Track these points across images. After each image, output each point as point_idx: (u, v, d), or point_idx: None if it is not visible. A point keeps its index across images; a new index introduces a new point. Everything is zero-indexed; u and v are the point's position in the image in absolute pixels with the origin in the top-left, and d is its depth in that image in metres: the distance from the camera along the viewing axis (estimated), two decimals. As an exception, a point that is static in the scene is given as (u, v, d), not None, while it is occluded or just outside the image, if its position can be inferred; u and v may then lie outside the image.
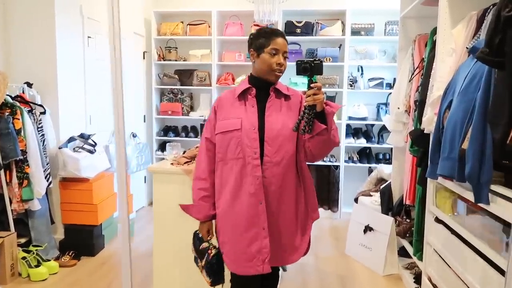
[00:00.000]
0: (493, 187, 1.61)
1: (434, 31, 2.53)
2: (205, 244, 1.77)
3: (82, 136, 3.27)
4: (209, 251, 1.75)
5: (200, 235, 1.79)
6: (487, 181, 1.61)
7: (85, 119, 3.55)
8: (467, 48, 1.94)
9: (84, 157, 3.09)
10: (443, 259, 2.13)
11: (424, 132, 2.32)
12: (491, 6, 1.87)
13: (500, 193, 1.58)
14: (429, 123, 2.22)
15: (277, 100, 1.71)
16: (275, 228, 1.68)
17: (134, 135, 4.18)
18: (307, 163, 1.77)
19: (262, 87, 1.72)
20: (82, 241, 3.18)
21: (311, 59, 1.61)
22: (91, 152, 3.18)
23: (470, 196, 1.74)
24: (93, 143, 3.29)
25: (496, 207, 1.61)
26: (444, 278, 2.10)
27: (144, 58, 4.56)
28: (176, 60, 4.60)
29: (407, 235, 2.98)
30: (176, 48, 4.61)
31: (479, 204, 1.67)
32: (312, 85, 1.56)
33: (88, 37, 3.56)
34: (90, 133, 3.41)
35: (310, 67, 1.59)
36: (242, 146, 1.64)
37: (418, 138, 2.42)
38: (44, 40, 3.15)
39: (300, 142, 1.70)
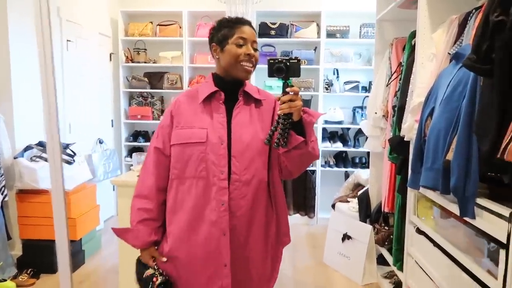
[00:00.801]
0: (479, 201, 1.53)
1: (412, 35, 2.46)
2: (149, 271, 1.47)
3: (40, 144, 3.03)
4: (154, 279, 1.44)
5: (143, 261, 1.51)
6: (472, 194, 1.53)
7: (64, 127, 3.34)
8: (449, 53, 1.86)
9: (42, 167, 2.85)
10: (424, 271, 2.05)
11: (404, 139, 2.24)
12: (474, 10, 1.80)
13: (485, 207, 1.51)
14: (409, 130, 2.14)
15: (245, 106, 1.45)
16: (242, 262, 1.43)
17: (100, 141, 3.96)
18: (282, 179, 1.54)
19: (229, 90, 1.44)
20: (42, 258, 2.94)
21: (287, 58, 1.33)
22: (69, 162, 2.99)
23: (454, 209, 1.66)
24: (72, 153, 3.08)
25: (481, 221, 1.53)
26: (427, 292, 2.03)
27: (110, 60, 4.33)
28: (145, 62, 4.40)
29: (386, 243, 2.90)
30: (145, 49, 4.41)
31: (465, 218, 1.59)
32: (287, 89, 1.29)
33: (68, 40, 3.33)
34: (69, 142, 3.20)
35: (286, 68, 1.32)
36: (206, 163, 1.37)
37: (397, 146, 2.34)
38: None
39: (274, 156, 1.44)
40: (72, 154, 3.12)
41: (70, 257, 1.44)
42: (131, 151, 4.51)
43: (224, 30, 1.42)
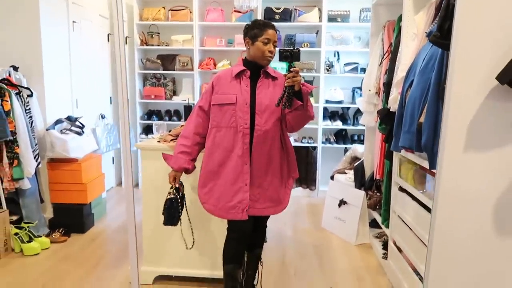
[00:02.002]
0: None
1: (400, 18, 2.73)
2: (169, 189, 2.12)
3: (69, 118, 3.38)
4: (168, 195, 2.10)
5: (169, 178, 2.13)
6: (439, 150, 1.83)
7: (72, 102, 3.65)
8: (426, 32, 2.15)
9: (72, 139, 3.20)
10: (406, 224, 2.38)
11: (390, 110, 2.54)
12: (446, -6, 2.08)
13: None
14: (394, 102, 2.44)
15: (266, 80, 2.07)
16: (261, 185, 2.06)
17: (102, 116, 4.24)
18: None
19: (254, 70, 2.06)
20: (71, 220, 3.32)
21: (291, 49, 1.95)
22: (79, 133, 3.30)
23: (426, 164, 1.98)
24: (81, 125, 3.41)
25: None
26: (407, 240, 2.35)
27: (126, 43, 4.64)
28: (158, 45, 4.70)
29: (377, 207, 3.23)
30: (158, 33, 4.71)
31: (433, 170, 1.91)
32: (291, 69, 1.89)
33: (73, 22, 3.63)
34: (77, 116, 3.52)
35: (291, 55, 1.93)
36: (235, 117, 2.00)
37: (385, 117, 2.64)
38: (29, 25, 3.23)
39: (283, 116, 2.06)
40: (81, 126, 3.43)
41: (134, 207, 1.90)
42: (146, 129, 4.85)
43: (255, 30, 2.01)
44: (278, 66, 4.44)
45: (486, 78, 1.36)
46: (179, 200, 2.12)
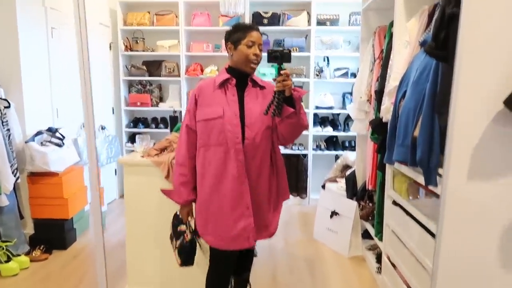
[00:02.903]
0: (441, 171, 1.75)
1: (391, 24, 2.65)
2: (183, 227, 1.93)
3: (49, 129, 3.23)
4: (185, 235, 1.91)
5: (180, 217, 1.95)
6: (435, 165, 1.74)
7: (52, 112, 3.50)
8: (419, 41, 2.06)
9: (52, 151, 3.06)
10: (399, 239, 2.29)
11: (383, 120, 2.45)
12: (440, 1, 2.00)
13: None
14: (386, 112, 2.36)
15: (253, 89, 1.88)
16: (254, 207, 1.84)
17: (103, 128, 4.15)
18: (280, 146, 1.97)
19: (239, 78, 1.86)
20: (52, 235, 3.17)
21: (281, 49, 1.77)
22: (59, 145, 3.16)
23: (422, 180, 1.88)
24: (61, 136, 3.27)
25: (443, 189, 1.75)
26: (401, 256, 2.27)
27: (110, 49, 4.51)
28: (143, 51, 4.58)
29: (370, 218, 3.14)
30: (143, 38, 4.58)
31: (429, 187, 1.82)
32: (281, 72, 1.71)
33: (52, 28, 3.49)
34: (57, 126, 3.38)
35: (281, 56, 1.75)
36: (224, 132, 1.77)
37: (377, 127, 2.55)
38: (6, 33, 3.07)
39: (273, 127, 1.87)
40: (62, 137, 3.28)
41: (102, 222, 1.67)
42: (131, 137, 4.72)
43: (238, 33, 1.82)
44: (267, 72, 4.34)
45: (492, 102, 1.27)
46: (196, 239, 1.96)
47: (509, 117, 1.26)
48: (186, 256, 1.94)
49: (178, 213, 1.98)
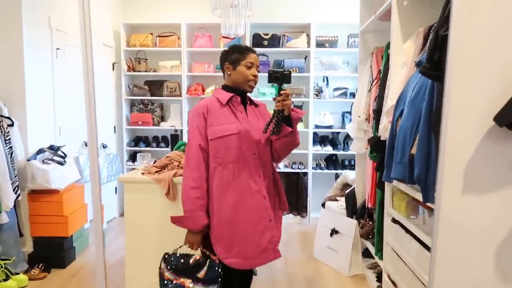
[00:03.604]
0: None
1: (388, 45, 2.72)
2: (198, 256, 1.80)
3: (51, 148, 3.27)
4: (213, 257, 1.79)
5: (178, 253, 1.84)
6: (433, 182, 1.76)
7: (54, 130, 3.55)
8: (415, 62, 2.12)
9: (54, 169, 3.09)
10: (399, 257, 2.29)
11: (381, 139, 2.48)
12: (435, 24, 2.06)
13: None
14: (384, 131, 2.40)
15: (251, 107, 1.95)
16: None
17: (104, 146, 4.19)
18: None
19: (242, 96, 1.93)
20: (52, 254, 3.16)
21: (282, 70, 1.82)
22: (61, 163, 3.19)
23: (420, 197, 1.90)
24: (63, 155, 3.30)
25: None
26: (401, 274, 2.26)
27: (113, 69, 4.59)
28: (146, 71, 4.66)
29: (370, 236, 3.14)
30: (146, 59, 4.67)
31: (427, 204, 1.84)
32: (281, 92, 1.76)
33: (57, 48, 3.57)
34: (59, 144, 3.41)
35: (281, 77, 1.80)
36: (242, 149, 1.81)
37: (376, 145, 2.58)
38: (11, 52, 3.15)
39: (271, 142, 1.93)
40: (63, 155, 3.31)
41: (104, 245, 1.64)
42: (133, 155, 4.74)
43: (236, 54, 1.87)
44: (266, 91, 4.41)
45: (483, 119, 1.31)
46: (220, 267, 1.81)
47: (500, 133, 1.30)
48: (221, 279, 1.78)
49: (172, 252, 1.85)
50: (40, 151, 3.20)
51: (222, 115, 1.83)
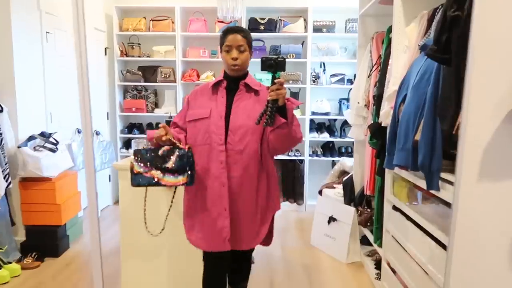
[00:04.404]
0: (443, 175, 1.73)
1: (390, 29, 2.65)
2: (166, 147, 1.71)
3: (42, 134, 3.18)
4: (181, 146, 1.72)
5: (148, 146, 1.78)
6: (437, 169, 1.73)
7: (46, 116, 3.45)
8: (419, 45, 2.06)
9: (45, 156, 3.01)
10: (399, 244, 2.26)
11: (382, 125, 2.43)
12: (440, 6, 2.00)
13: (449, 180, 1.71)
14: (386, 117, 2.34)
15: (246, 94, 1.83)
16: (235, 212, 1.80)
17: (97, 133, 4.10)
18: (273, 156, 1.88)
19: (234, 81, 1.85)
20: (45, 242, 3.10)
21: (275, 57, 1.70)
22: (52, 150, 3.10)
23: (423, 184, 1.86)
24: (55, 142, 3.21)
25: (445, 193, 1.73)
26: (401, 261, 2.24)
27: (106, 54, 4.47)
28: (139, 56, 4.55)
29: (368, 224, 3.11)
30: (139, 44, 4.55)
31: (431, 191, 1.80)
32: (275, 80, 1.64)
33: (47, 32, 3.45)
34: (51, 131, 3.32)
35: (275, 64, 1.69)
36: (209, 133, 1.77)
37: (376, 131, 2.54)
38: (0, 36, 3.03)
39: (265, 134, 1.79)
40: (56, 142, 3.22)
41: (99, 228, 1.59)
42: (126, 143, 4.67)
43: (221, 39, 1.83)
44: (263, 78, 4.33)
45: (504, 102, 1.25)
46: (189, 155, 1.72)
47: None
48: (192, 166, 1.71)
49: (141, 148, 1.76)
50: (31, 138, 3.11)
51: (205, 100, 1.85)
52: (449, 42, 1.54)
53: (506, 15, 1.27)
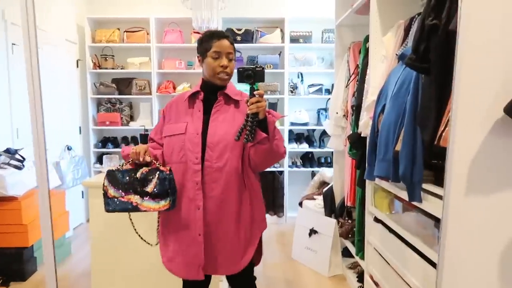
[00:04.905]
0: (425, 186, 1.69)
1: (367, 39, 2.64)
2: (145, 169, 1.59)
3: (7, 151, 3.01)
4: (162, 168, 1.58)
5: (123, 164, 1.65)
6: (419, 180, 1.69)
7: (12, 132, 3.28)
8: (396, 54, 2.04)
9: (11, 174, 2.84)
10: (382, 257, 2.21)
11: (361, 135, 2.40)
12: (416, 15, 1.99)
13: (431, 191, 1.67)
14: (365, 127, 2.31)
15: (225, 106, 1.68)
16: (214, 236, 1.64)
17: (69, 148, 3.94)
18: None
19: (212, 91, 1.69)
20: (10, 265, 2.91)
21: (253, 66, 1.59)
22: (18, 168, 2.94)
23: (405, 195, 1.82)
24: (21, 158, 3.04)
25: (428, 204, 1.69)
26: (384, 275, 2.19)
27: (77, 66, 4.33)
28: (113, 68, 4.42)
29: (350, 235, 3.07)
30: (113, 56, 4.43)
31: (413, 203, 1.76)
32: (255, 92, 1.52)
33: (13, 44, 3.30)
34: (17, 147, 3.15)
35: (253, 74, 1.57)
36: (185, 150, 1.63)
37: (355, 142, 2.50)
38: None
39: (246, 150, 1.65)
40: (22, 159, 3.05)
41: (54, 254, 1.47)
42: (100, 157, 4.50)
43: (204, 44, 1.65)
44: (242, 88, 4.27)
45: (492, 111, 1.21)
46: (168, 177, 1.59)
47: (510, 125, 1.21)
48: (173, 191, 1.59)
49: (117, 168, 1.63)
50: (-4, 154, 2.94)
51: (180, 113, 1.71)
52: (427, 51, 1.52)
53: (492, 24, 1.24)
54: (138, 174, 1.59)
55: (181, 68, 4.40)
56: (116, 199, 1.60)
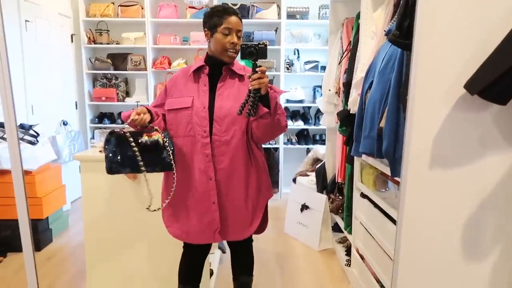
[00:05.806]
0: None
1: (359, 15, 2.62)
2: (146, 137, 1.58)
3: (22, 126, 3.06)
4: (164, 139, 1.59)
5: (126, 128, 1.63)
6: (401, 156, 1.72)
7: (26, 108, 3.32)
8: (384, 31, 2.03)
9: (25, 149, 2.89)
10: (367, 231, 2.27)
11: (350, 112, 2.42)
12: (405, -9, 1.97)
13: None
14: (354, 104, 2.33)
15: (230, 80, 1.73)
16: (225, 205, 1.72)
17: (65, 123, 3.98)
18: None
19: (217, 66, 1.73)
20: (6, 237, 2.97)
21: (256, 43, 1.61)
22: (32, 143, 2.99)
23: (389, 171, 1.86)
24: (35, 134, 3.10)
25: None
26: (368, 248, 2.25)
27: (72, 41, 4.31)
28: (108, 44, 4.40)
29: (340, 211, 3.13)
30: (108, 30, 4.40)
31: (395, 178, 1.80)
32: (257, 69, 1.56)
33: (26, 21, 3.29)
34: (32, 123, 3.20)
35: (256, 51, 1.59)
36: (192, 124, 1.67)
37: (345, 119, 2.52)
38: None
39: (250, 123, 1.71)
40: (36, 134, 3.12)
41: (32, 234, 1.49)
42: (97, 133, 4.54)
43: (214, 19, 1.67)
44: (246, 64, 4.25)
45: (452, 88, 1.23)
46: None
47: (470, 101, 1.23)
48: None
49: (116, 133, 1.59)
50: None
51: (185, 87, 1.74)
52: (411, 28, 1.52)
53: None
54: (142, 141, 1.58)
55: (176, 43, 4.37)
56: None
